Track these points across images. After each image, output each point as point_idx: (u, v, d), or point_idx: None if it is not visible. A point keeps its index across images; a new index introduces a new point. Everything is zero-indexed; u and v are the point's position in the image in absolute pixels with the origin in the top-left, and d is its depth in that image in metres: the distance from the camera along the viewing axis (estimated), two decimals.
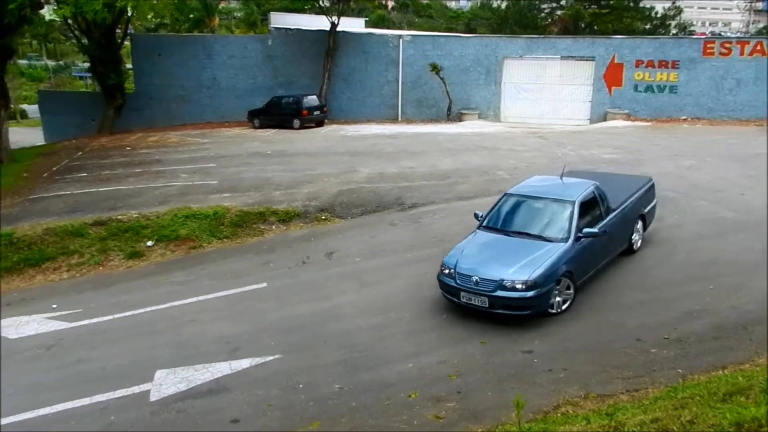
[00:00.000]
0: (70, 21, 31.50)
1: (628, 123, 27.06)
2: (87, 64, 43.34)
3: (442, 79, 29.19)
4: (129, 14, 29.80)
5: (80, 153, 23.69)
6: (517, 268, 8.84)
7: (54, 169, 20.66)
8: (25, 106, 54.69)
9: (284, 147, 22.85)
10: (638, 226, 11.23)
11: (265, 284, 11.25)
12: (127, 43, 33.72)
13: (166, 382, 8.06)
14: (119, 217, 14.22)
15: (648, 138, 23.09)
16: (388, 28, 42.11)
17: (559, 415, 6.32)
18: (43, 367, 8.89)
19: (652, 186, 11.95)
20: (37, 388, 8.25)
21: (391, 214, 14.59)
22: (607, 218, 10.14)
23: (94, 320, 10.32)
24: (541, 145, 22.26)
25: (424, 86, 30.31)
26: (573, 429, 5.39)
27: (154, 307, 10.63)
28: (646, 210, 11.51)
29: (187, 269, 12.45)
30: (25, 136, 36.17)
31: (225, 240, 13.76)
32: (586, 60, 28.71)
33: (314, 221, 14.43)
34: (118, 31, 31.27)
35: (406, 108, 30.86)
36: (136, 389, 7.98)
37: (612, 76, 28.35)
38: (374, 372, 7.95)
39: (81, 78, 64.12)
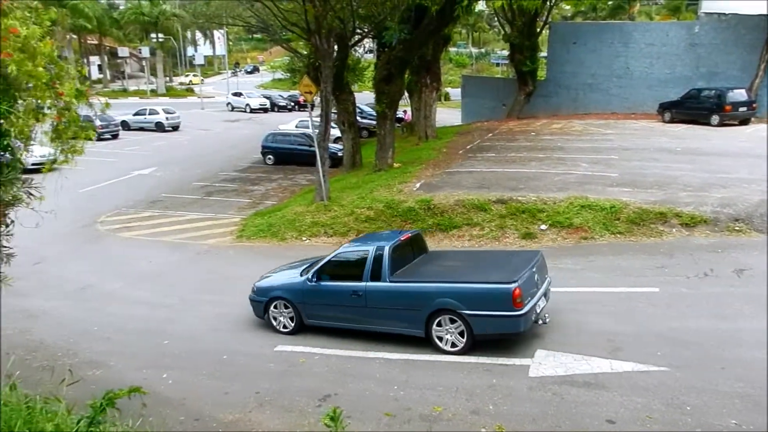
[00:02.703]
0: (497, 11, 34.27)
1: None
2: (505, 52, 46.76)
3: None
4: (553, 2, 30.74)
5: (490, 134, 25.79)
6: (267, 277, 10.78)
7: (468, 147, 23.00)
8: (448, 89, 61.99)
9: (697, 144, 20.75)
10: (453, 328, 8.77)
11: (656, 289, 10.55)
12: (544, 31, 35.03)
13: (546, 363, 8.30)
14: (519, 197, 15.04)
15: None
16: None
17: None
18: None
19: (497, 292, 8.45)
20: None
21: None
22: (364, 283, 9.39)
23: None
24: None
25: None
26: None
27: None
28: (473, 312, 8.51)
29: (575, 258, 12.51)
30: (446, 115, 41.10)
31: (618, 235, 13.32)
32: None
33: (725, 231, 12.80)
34: (538, 19, 32.70)
35: None
36: (517, 361, 8.45)
37: None
38: None
39: (497, 64, 69.62)
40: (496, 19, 45.09)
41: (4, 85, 4.38)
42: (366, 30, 24.54)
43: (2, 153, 4.47)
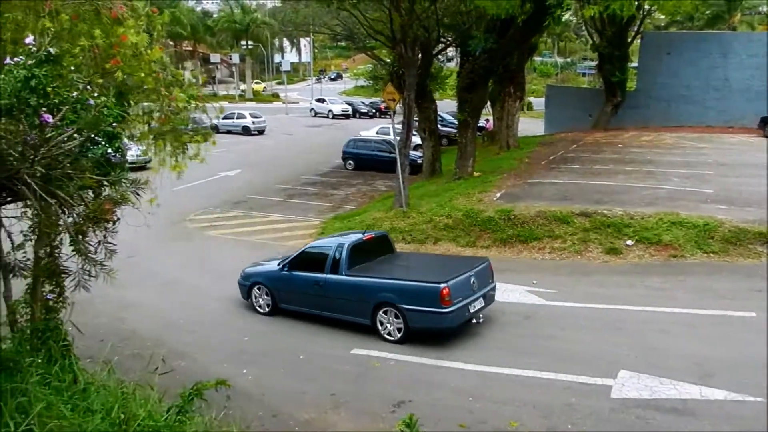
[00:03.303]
0: (586, 20, 33.38)
1: None
2: (592, 62, 45.42)
3: None
4: (647, 11, 29.63)
5: (575, 146, 25.10)
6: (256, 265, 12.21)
7: (551, 158, 22.49)
8: (531, 99, 60.81)
9: None
10: (394, 318, 9.82)
11: (753, 314, 9.92)
12: (635, 41, 33.82)
13: (629, 385, 7.97)
14: (604, 211, 14.54)
15: None
16: None
17: None
18: (520, 334, 9.94)
19: (428, 290, 9.47)
20: (515, 351, 9.29)
21: None
22: (325, 275, 10.57)
23: (566, 303, 10.98)
24: None
25: None
26: None
27: (625, 306, 10.63)
28: (408, 307, 9.60)
29: (664, 276, 12.00)
30: (528, 125, 40.37)
31: (711, 255, 12.64)
32: None
33: None
34: (629, 29, 31.60)
35: None
36: (598, 380, 8.15)
37: None
38: None
39: (583, 74, 67.72)
40: (583, 28, 43.95)
41: (117, 91, 4.68)
42: (450, 39, 24.50)
43: (114, 154, 4.78)
